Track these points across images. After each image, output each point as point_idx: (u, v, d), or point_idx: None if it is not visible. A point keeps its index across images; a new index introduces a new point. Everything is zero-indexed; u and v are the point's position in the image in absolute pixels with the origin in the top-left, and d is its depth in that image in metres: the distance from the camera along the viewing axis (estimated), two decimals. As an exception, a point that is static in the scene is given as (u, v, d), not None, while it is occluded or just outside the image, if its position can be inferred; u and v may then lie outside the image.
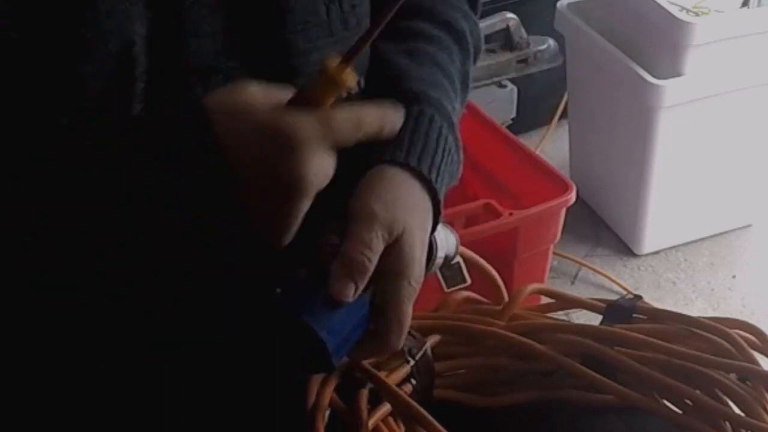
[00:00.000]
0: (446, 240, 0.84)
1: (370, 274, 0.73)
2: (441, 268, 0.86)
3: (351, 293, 0.72)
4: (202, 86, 0.74)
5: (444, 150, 0.81)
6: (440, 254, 0.83)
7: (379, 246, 0.73)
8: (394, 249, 0.74)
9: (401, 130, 0.79)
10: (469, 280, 0.91)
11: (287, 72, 0.78)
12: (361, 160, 0.78)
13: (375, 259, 0.73)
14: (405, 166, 0.78)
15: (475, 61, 0.94)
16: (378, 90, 0.84)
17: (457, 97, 0.87)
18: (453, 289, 0.90)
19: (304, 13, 0.78)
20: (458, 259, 0.87)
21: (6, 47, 0.68)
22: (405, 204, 0.76)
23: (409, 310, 0.75)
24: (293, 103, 0.69)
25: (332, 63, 0.68)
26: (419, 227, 0.77)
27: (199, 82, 0.74)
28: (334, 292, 0.72)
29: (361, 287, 0.73)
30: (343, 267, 0.72)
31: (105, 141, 0.69)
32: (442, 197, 0.80)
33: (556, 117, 2.37)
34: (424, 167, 0.79)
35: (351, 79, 0.69)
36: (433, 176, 0.79)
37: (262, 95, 0.69)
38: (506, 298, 0.97)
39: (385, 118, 0.74)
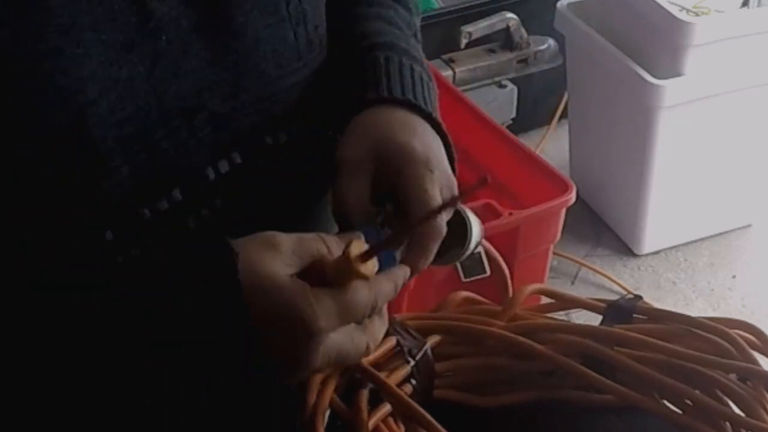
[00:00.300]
0: (478, 228, 0.85)
1: None
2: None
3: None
4: (187, 128, 0.74)
5: (421, 81, 0.83)
6: (473, 244, 0.83)
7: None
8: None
9: (375, 73, 0.82)
10: (488, 271, 0.89)
11: (263, 101, 0.79)
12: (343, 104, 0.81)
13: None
14: (400, 102, 0.80)
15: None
16: (341, 47, 0.86)
17: (410, 42, 0.89)
18: (471, 279, 0.89)
19: (274, 40, 0.79)
20: (480, 249, 0.86)
21: None
22: (437, 152, 0.80)
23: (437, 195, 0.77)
24: (313, 278, 0.69)
25: (356, 250, 0.68)
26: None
27: (184, 123, 0.74)
28: (416, 264, 0.75)
29: None
30: (423, 242, 0.76)
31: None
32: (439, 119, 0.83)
33: (556, 117, 2.37)
34: (419, 102, 0.81)
35: (371, 271, 0.69)
36: (422, 104, 0.82)
37: (285, 267, 0.68)
38: (511, 295, 0.97)
39: (397, 283, 0.73)
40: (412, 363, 0.87)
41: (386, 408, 0.82)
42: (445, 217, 0.78)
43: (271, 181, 0.82)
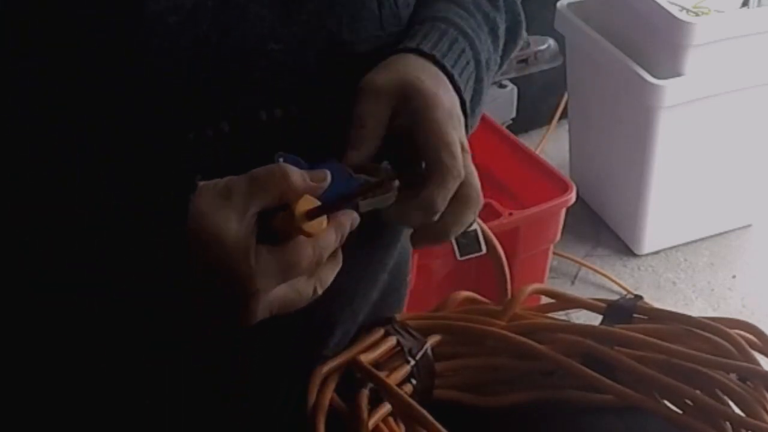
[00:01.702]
0: None
1: None
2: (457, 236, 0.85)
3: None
4: (246, 69, 0.74)
5: (463, 71, 0.82)
6: None
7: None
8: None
9: (426, 36, 0.81)
10: (484, 249, 0.87)
11: (332, 59, 0.78)
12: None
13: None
14: (420, 53, 0.79)
15: (513, 35, 0.95)
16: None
17: (483, 36, 0.87)
18: (466, 257, 0.88)
19: (354, 5, 0.79)
20: (475, 226, 0.85)
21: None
22: (459, 115, 0.79)
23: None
24: (263, 230, 0.68)
25: (302, 207, 0.67)
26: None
27: (242, 63, 0.74)
28: (434, 200, 0.75)
29: None
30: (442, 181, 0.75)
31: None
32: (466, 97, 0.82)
33: (556, 117, 2.37)
34: (437, 53, 0.80)
35: (317, 229, 0.68)
36: (456, 74, 0.81)
37: (235, 216, 0.67)
38: (509, 287, 0.97)
39: (343, 233, 0.72)
40: (412, 363, 0.87)
41: (386, 408, 0.82)
42: (461, 167, 0.77)
43: (323, 136, 0.79)
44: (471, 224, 0.84)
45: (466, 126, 0.81)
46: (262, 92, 0.75)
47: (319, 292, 0.71)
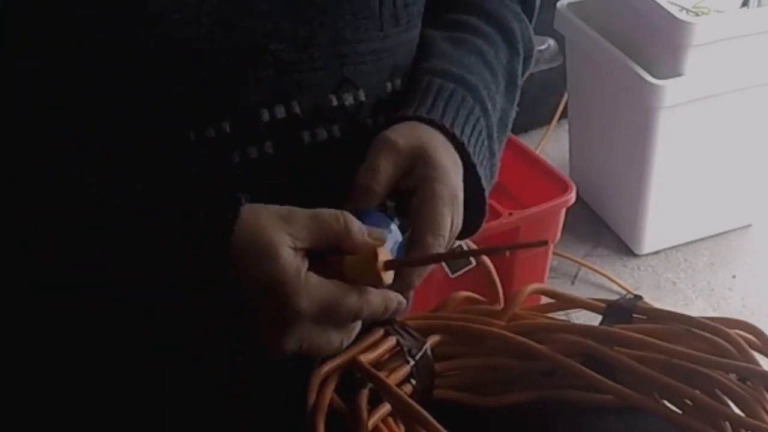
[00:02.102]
0: None
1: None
2: None
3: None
4: (248, 66, 0.74)
5: (473, 130, 0.82)
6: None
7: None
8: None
9: (435, 100, 0.81)
10: (474, 262, 0.88)
11: (333, 59, 0.79)
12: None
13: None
14: (436, 125, 0.80)
15: (526, 65, 0.94)
16: (415, 65, 0.86)
17: (499, 91, 0.88)
18: (458, 273, 0.89)
19: (356, 4, 0.79)
20: (462, 242, 0.85)
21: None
22: (461, 198, 0.80)
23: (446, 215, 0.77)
24: (326, 267, 0.69)
25: (383, 256, 0.69)
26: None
27: (246, 61, 0.74)
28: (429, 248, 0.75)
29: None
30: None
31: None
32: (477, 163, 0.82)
33: (556, 117, 2.37)
34: (456, 130, 0.81)
35: (387, 280, 0.70)
36: (465, 139, 0.81)
37: (291, 240, 0.68)
38: (500, 292, 0.97)
39: (388, 306, 0.74)
40: (412, 363, 0.87)
41: (386, 408, 0.82)
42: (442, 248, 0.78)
43: (325, 138, 0.80)
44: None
45: (484, 189, 0.83)
46: (264, 91, 0.75)
47: (343, 346, 0.73)
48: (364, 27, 0.80)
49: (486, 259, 0.97)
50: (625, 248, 2.17)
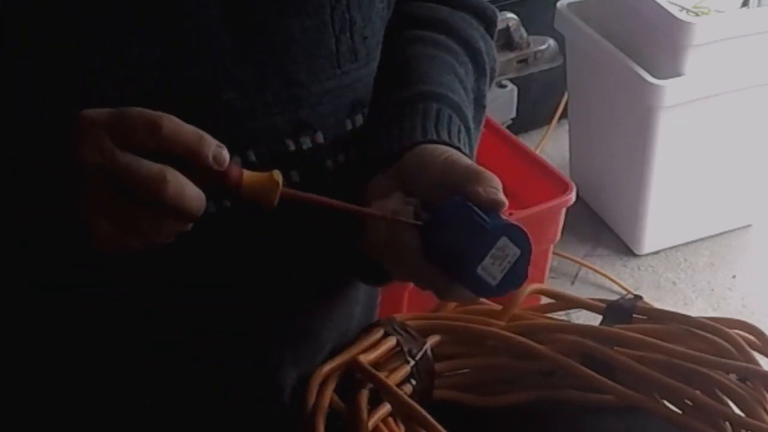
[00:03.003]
0: None
1: None
2: None
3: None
4: (200, 116, 0.70)
5: (463, 147, 0.80)
6: None
7: None
8: None
9: (424, 120, 0.79)
10: None
11: (288, 103, 0.77)
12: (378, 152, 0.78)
13: None
14: (441, 142, 0.77)
15: (489, 84, 0.92)
16: (396, 87, 0.83)
17: (470, 111, 0.86)
18: None
19: (310, 44, 0.77)
20: None
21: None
22: None
23: None
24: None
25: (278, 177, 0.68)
26: None
27: (194, 111, 0.71)
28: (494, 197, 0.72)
29: None
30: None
31: None
32: None
33: (556, 117, 2.37)
34: (460, 146, 0.79)
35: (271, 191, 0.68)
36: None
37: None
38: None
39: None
40: (412, 363, 0.87)
41: (386, 408, 0.82)
42: None
43: (288, 175, 0.78)
44: None
45: None
46: (220, 139, 0.70)
47: (147, 233, 0.67)
48: (319, 67, 0.78)
49: None
50: (625, 248, 2.17)
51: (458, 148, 0.78)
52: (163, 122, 0.66)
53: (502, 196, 0.73)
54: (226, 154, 0.67)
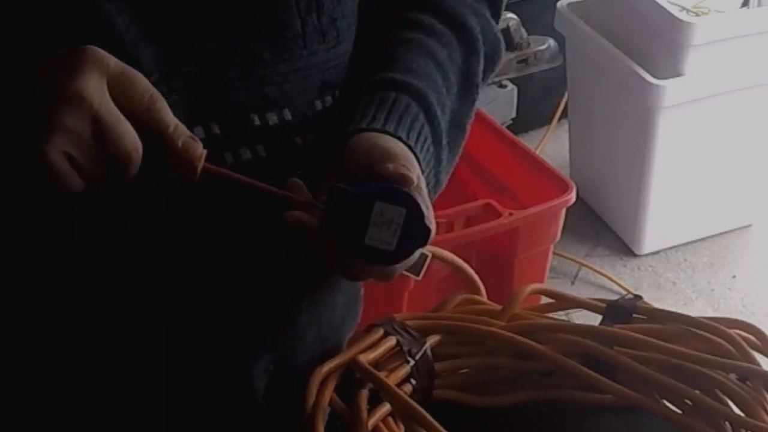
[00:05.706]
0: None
1: None
2: None
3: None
4: (160, 88, 0.72)
5: (419, 136, 0.81)
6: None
7: None
8: None
9: (376, 110, 0.80)
10: (429, 254, 0.84)
11: (254, 80, 0.77)
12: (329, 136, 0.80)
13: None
14: (382, 131, 0.78)
15: (491, 63, 0.92)
16: (365, 73, 0.84)
17: (451, 93, 0.86)
18: (422, 272, 0.84)
19: (274, 24, 0.78)
20: (428, 253, 0.80)
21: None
22: None
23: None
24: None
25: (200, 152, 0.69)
26: None
27: (158, 84, 0.72)
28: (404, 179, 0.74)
29: None
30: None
31: None
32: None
33: (556, 117, 2.37)
34: (402, 134, 0.79)
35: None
36: (412, 143, 0.80)
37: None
38: (484, 295, 0.97)
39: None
40: (412, 363, 0.87)
41: (386, 408, 0.82)
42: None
43: (249, 158, 0.79)
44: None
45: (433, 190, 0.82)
46: (178, 112, 0.71)
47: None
48: (284, 46, 0.78)
49: (452, 255, 0.96)
50: (625, 248, 2.17)
51: (399, 138, 0.79)
52: (159, 99, 0.68)
53: (409, 172, 0.74)
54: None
